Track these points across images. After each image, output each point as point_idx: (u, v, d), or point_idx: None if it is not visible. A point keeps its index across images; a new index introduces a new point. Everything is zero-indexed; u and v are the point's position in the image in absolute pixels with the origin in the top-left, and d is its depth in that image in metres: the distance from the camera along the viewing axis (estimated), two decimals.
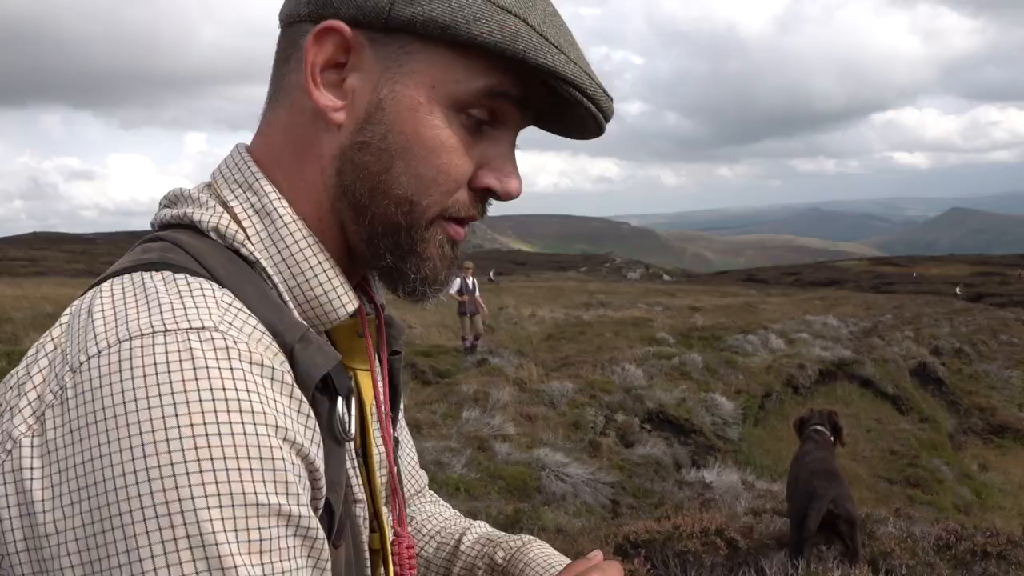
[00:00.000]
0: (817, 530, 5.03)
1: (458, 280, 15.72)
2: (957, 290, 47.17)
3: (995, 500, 12.26)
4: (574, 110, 0.79)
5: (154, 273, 0.70)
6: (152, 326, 0.64)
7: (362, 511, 0.83)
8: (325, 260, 0.78)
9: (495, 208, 0.85)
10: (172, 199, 0.81)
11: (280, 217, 0.77)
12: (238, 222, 0.77)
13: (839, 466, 5.52)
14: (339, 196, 0.78)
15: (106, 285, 0.70)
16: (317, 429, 0.69)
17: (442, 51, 0.74)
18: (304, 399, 0.68)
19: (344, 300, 0.79)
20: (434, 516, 1.17)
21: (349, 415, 0.76)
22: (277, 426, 0.64)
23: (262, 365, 0.65)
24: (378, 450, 0.88)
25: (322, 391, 0.73)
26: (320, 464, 0.69)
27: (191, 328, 0.64)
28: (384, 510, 0.88)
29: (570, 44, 0.77)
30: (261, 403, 0.63)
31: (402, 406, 1.06)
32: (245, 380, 0.63)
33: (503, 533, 1.13)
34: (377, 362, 0.90)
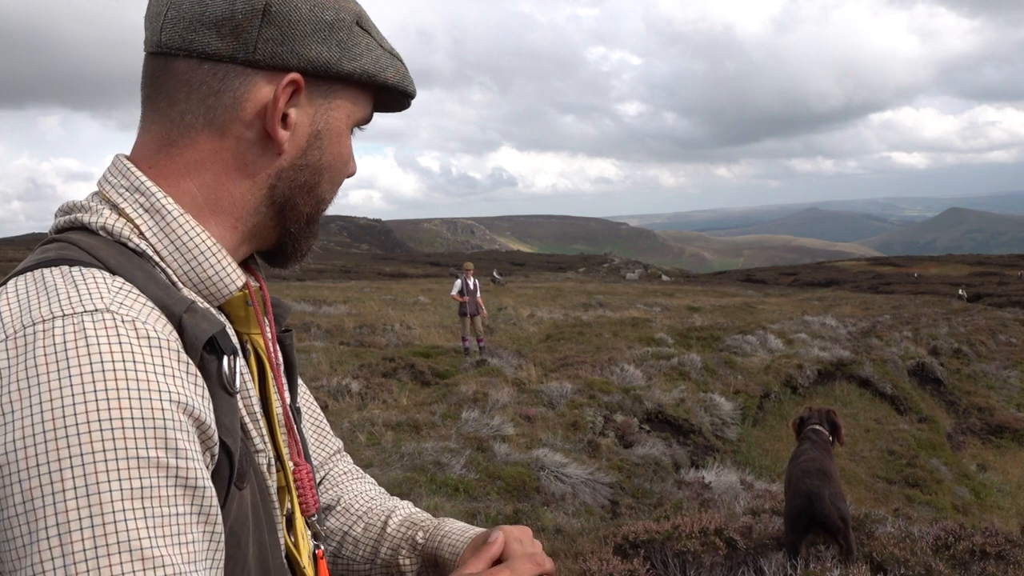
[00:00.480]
0: (810, 529, 5.05)
1: (459, 281, 15.71)
2: (960, 291, 46.89)
3: (994, 500, 12.28)
4: (399, 103, 1.07)
5: (52, 268, 0.82)
6: (52, 312, 0.77)
7: (264, 458, 0.95)
8: (213, 245, 0.93)
9: (494, 209, 0.92)
10: (66, 209, 0.94)
11: (169, 212, 0.91)
12: (130, 220, 0.90)
13: (833, 466, 5.51)
14: (266, 203, 0.97)
15: (10, 283, 0.83)
16: (205, 385, 0.82)
17: (353, 89, 0.98)
18: (191, 361, 0.81)
19: (233, 277, 0.94)
20: (361, 495, 1.28)
21: (235, 371, 0.88)
22: (160, 390, 0.76)
23: (148, 337, 0.78)
24: (277, 405, 1.01)
25: (210, 351, 0.85)
26: (209, 416, 0.81)
27: (85, 311, 0.77)
28: (285, 450, 1.01)
29: (401, 63, 1.03)
30: (145, 371, 0.76)
31: (300, 382, 1.21)
32: (132, 352, 0.76)
33: (423, 514, 1.24)
34: (267, 326, 1.03)
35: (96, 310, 0.77)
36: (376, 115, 1.06)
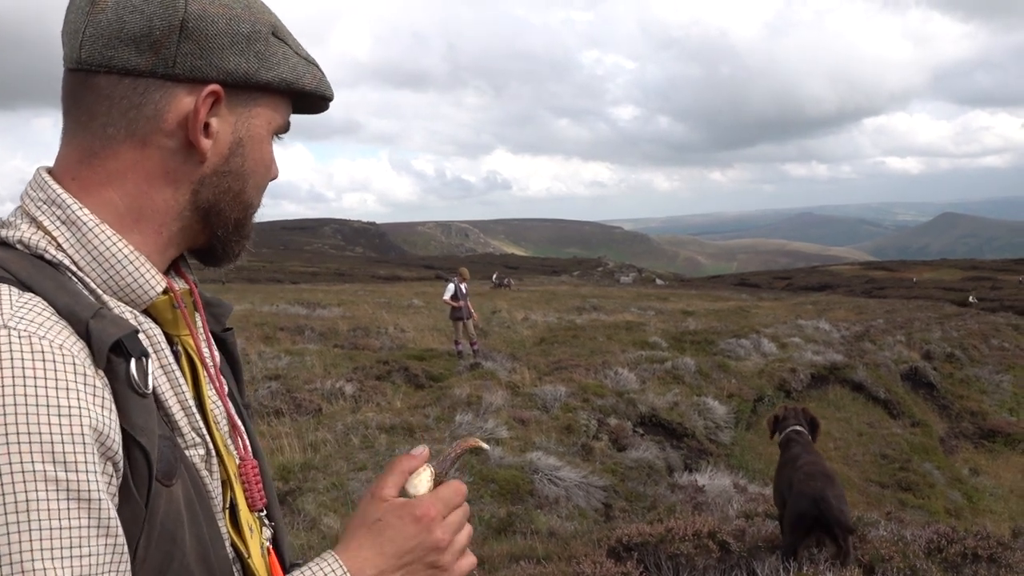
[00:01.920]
0: (813, 531, 5.05)
1: (451, 285, 15.71)
2: (971, 298, 46.23)
3: (986, 504, 12.31)
4: (318, 106, 1.11)
5: None
6: None
7: (197, 454, 0.97)
8: (130, 253, 0.95)
9: (488, 212, 0.93)
10: None
11: (84, 223, 0.94)
12: (48, 233, 0.93)
13: (832, 468, 5.52)
14: (190, 208, 1.00)
15: None
16: (106, 392, 0.84)
17: (273, 97, 1.02)
18: (91, 368, 0.83)
19: (153, 283, 0.97)
20: None
21: (146, 372, 0.89)
22: (51, 404, 0.78)
23: (43, 351, 0.80)
24: (213, 403, 1.04)
25: (118, 354, 0.87)
26: (109, 424, 0.83)
27: None
28: (228, 444, 1.04)
29: (317, 68, 1.07)
30: (35, 386, 0.78)
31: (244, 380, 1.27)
32: (24, 367, 0.78)
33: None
34: (200, 329, 1.07)
35: None
36: (377, 123, 1.07)
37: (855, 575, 4.83)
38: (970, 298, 46.34)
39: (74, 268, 0.92)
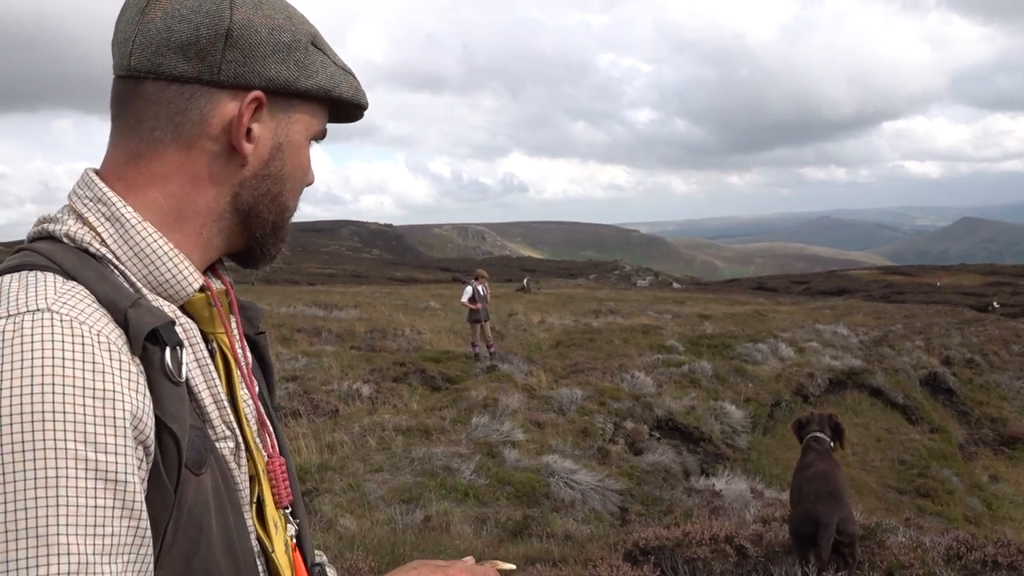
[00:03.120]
0: (809, 549, 5.02)
1: (469, 288, 15.71)
2: (994, 303, 45.66)
3: (1006, 511, 12.21)
4: (353, 115, 1.14)
5: (12, 274, 0.91)
6: None
7: (227, 446, 0.99)
8: (170, 250, 0.99)
9: (505, 215, 0.94)
10: (40, 221, 1.01)
11: (127, 220, 0.98)
12: (92, 228, 0.98)
13: (842, 478, 5.42)
14: (230, 211, 1.04)
15: None
16: (142, 379, 0.87)
17: (311, 104, 1.06)
18: (127, 354, 0.86)
19: (191, 279, 1.00)
20: None
21: (180, 361, 0.92)
22: (86, 387, 0.81)
23: (83, 335, 0.83)
24: (244, 401, 1.07)
25: (154, 343, 0.90)
26: (143, 408, 0.86)
27: (28, 311, 0.84)
28: (257, 441, 1.07)
29: (354, 78, 1.10)
30: (74, 367, 0.81)
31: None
32: (63, 348, 0.82)
33: None
34: (233, 327, 1.10)
35: (38, 310, 0.84)
36: (393, 125, 1.08)
37: None
38: (993, 303, 45.77)
39: (116, 262, 0.96)
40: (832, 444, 5.66)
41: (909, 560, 5.10)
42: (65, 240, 0.97)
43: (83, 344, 0.83)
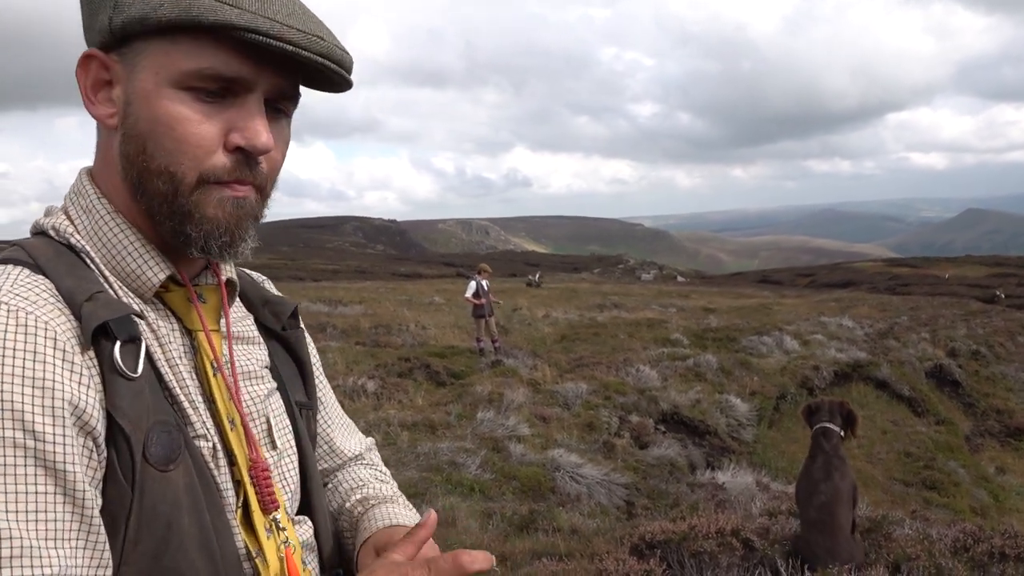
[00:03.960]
0: None
1: (473, 283, 15.71)
2: (998, 293, 45.56)
3: (1012, 503, 12.18)
4: (305, 62, 0.93)
5: None
6: None
7: (205, 444, 0.96)
8: (132, 239, 0.97)
9: (509, 210, 0.89)
10: (45, 213, 1.02)
11: (97, 211, 0.98)
12: (71, 220, 0.98)
13: (848, 491, 5.15)
14: (128, 185, 0.96)
15: None
16: (89, 369, 0.86)
17: (157, 43, 0.90)
18: (73, 346, 0.85)
19: (155, 270, 0.97)
20: (353, 478, 1.31)
21: (138, 356, 0.90)
22: (25, 376, 0.81)
23: (26, 324, 0.83)
24: (225, 401, 1.02)
25: (106, 336, 0.88)
26: (88, 400, 0.85)
27: None
28: (244, 443, 1.02)
29: (261, 1, 0.89)
30: (13, 355, 0.81)
31: (321, 374, 1.28)
32: (5, 338, 0.82)
33: (383, 494, 1.26)
34: (220, 323, 1.05)
35: None
36: (396, 121, 1.03)
37: (880, 575, 4.80)
38: (997, 292, 45.67)
39: (91, 254, 0.96)
40: (842, 434, 5.50)
41: (916, 552, 5.09)
42: (51, 233, 0.98)
43: (26, 334, 0.83)
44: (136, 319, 0.93)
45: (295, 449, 1.13)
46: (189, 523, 0.90)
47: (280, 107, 0.98)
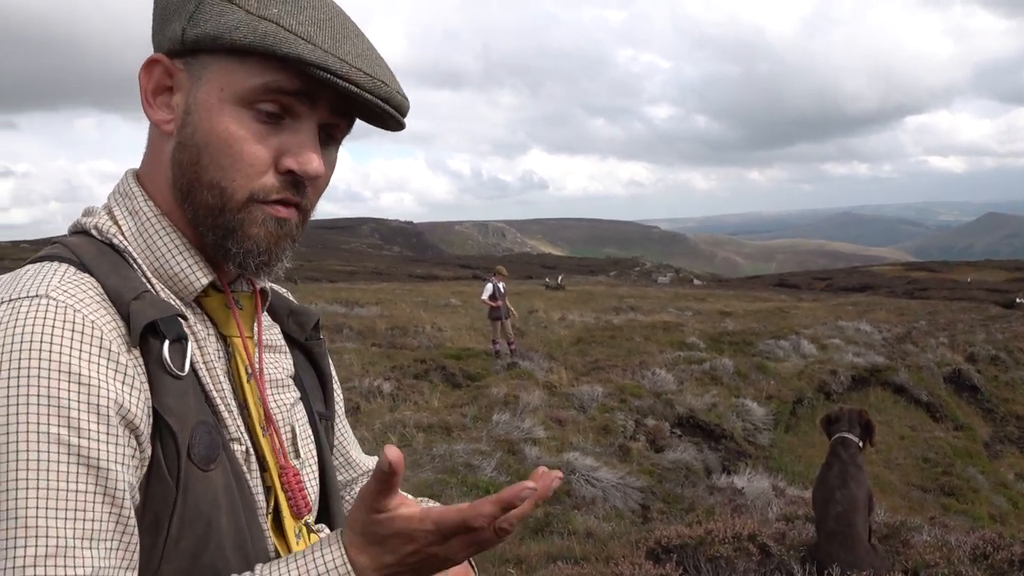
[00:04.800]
0: None
1: (490, 285, 15.71)
2: (1018, 299, 44.98)
3: None
4: (367, 103, 0.95)
5: (35, 264, 0.93)
6: (1, 298, 0.85)
7: (238, 448, 0.98)
8: (178, 243, 0.98)
9: (525, 212, 0.89)
10: (84, 214, 1.03)
11: (143, 213, 0.99)
12: (116, 222, 0.99)
13: (864, 499, 5.10)
14: (176, 191, 0.97)
15: (5, 276, 0.93)
16: (135, 368, 0.87)
17: (225, 61, 0.92)
18: (119, 344, 0.86)
19: (198, 275, 0.98)
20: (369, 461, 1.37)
21: (186, 355, 0.92)
22: (71, 371, 0.81)
23: (74, 321, 0.84)
24: (257, 407, 1.03)
25: (154, 335, 0.90)
26: (132, 399, 0.86)
27: (27, 297, 0.85)
28: (275, 450, 1.03)
29: (333, 39, 0.92)
30: (59, 352, 0.81)
31: (337, 387, 1.27)
32: (52, 334, 0.82)
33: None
34: (245, 329, 1.05)
35: (37, 296, 0.85)
36: (413, 122, 1.02)
37: None
38: (1017, 299, 45.19)
39: (134, 256, 0.97)
40: (861, 444, 5.49)
41: (935, 559, 5.05)
42: (93, 233, 0.98)
43: (72, 331, 0.84)
44: (180, 320, 0.95)
45: (316, 459, 1.14)
46: (227, 523, 0.92)
47: (332, 133, 1.01)
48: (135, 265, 0.97)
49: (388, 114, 0.97)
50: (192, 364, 0.95)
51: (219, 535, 0.90)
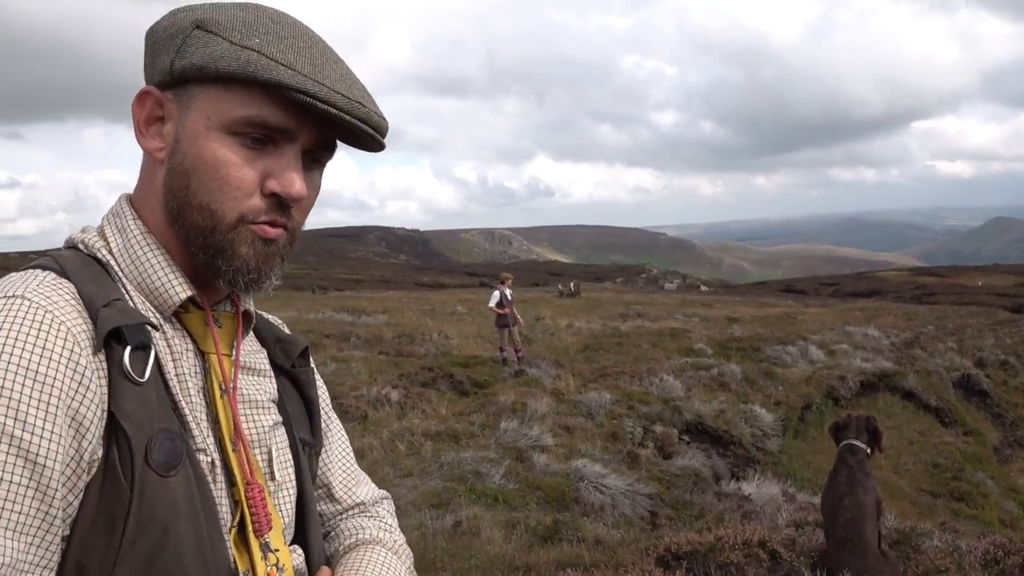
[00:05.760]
0: None
1: (497, 292, 15.72)
2: None
3: None
4: (346, 125, 1.00)
5: (23, 271, 0.97)
6: None
7: (204, 458, 1.00)
8: (161, 259, 1.03)
9: (531, 219, 0.92)
10: (80, 231, 1.08)
11: (131, 231, 1.04)
12: (104, 239, 1.05)
13: (871, 499, 5.10)
14: (167, 214, 1.03)
15: None
16: (95, 371, 0.91)
17: (212, 89, 0.98)
18: (84, 347, 0.90)
19: (177, 290, 1.03)
20: (354, 526, 1.31)
21: (147, 362, 0.95)
22: (28, 367, 0.85)
23: (42, 321, 0.88)
24: (228, 423, 1.05)
25: (118, 341, 0.94)
26: (87, 398, 0.89)
27: (5, 296, 0.90)
28: (246, 465, 1.06)
29: (312, 65, 0.98)
30: (22, 347, 0.86)
31: (330, 414, 1.31)
32: (19, 331, 0.87)
33: (376, 537, 1.28)
34: (221, 347, 1.08)
35: (15, 296, 0.90)
36: (418, 130, 1.07)
37: None
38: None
39: (117, 269, 1.03)
40: (869, 451, 5.48)
41: (945, 565, 5.04)
42: (80, 247, 1.04)
43: (39, 329, 0.88)
44: (150, 329, 0.99)
45: (295, 484, 1.16)
46: (186, 529, 0.94)
47: (317, 157, 1.07)
48: (117, 278, 1.02)
49: (367, 134, 1.02)
50: (162, 373, 0.99)
51: (177, 541, 0.92)
